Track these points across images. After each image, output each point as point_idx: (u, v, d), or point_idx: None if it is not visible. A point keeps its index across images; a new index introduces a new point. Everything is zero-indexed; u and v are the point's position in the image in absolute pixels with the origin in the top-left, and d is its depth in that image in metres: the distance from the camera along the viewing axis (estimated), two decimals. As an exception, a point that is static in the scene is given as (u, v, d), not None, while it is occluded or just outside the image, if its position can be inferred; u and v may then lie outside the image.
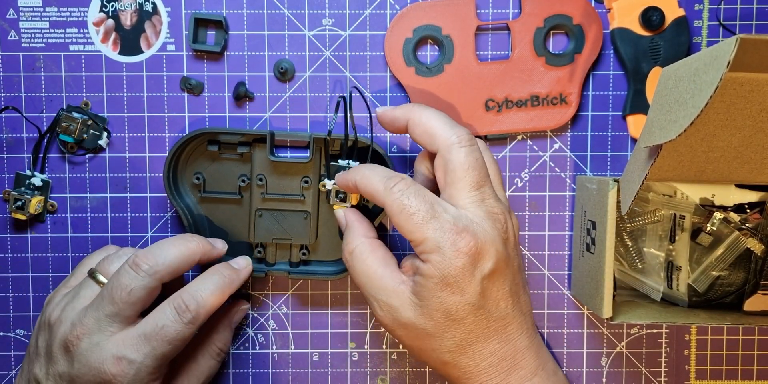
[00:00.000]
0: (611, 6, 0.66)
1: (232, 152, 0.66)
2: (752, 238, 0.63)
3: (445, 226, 0.53)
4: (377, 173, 0.57)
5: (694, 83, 0.45)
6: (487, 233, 0.54)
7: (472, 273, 0.53)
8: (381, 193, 0.55)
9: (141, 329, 0.56)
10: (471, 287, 0.53)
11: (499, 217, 0.55)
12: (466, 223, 0.53)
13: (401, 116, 0.58)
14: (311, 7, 0.67)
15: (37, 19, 0.66)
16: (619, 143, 0.69)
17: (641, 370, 0.70)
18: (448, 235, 0.52)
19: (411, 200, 0.54)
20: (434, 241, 0.53)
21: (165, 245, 0.58)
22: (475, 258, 0.53)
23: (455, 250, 0.52)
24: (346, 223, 0.61)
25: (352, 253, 0.59)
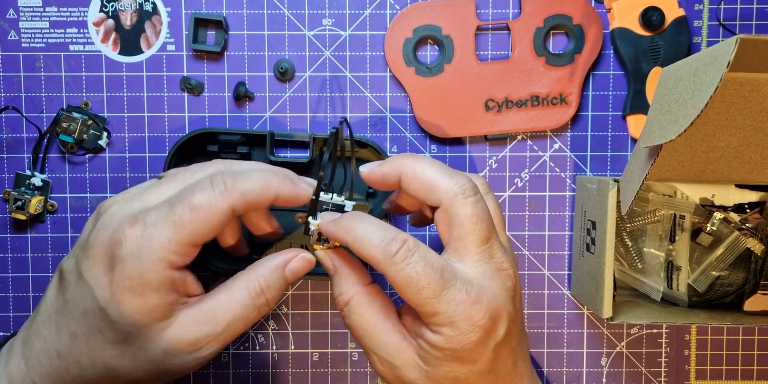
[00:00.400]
0: (611, 6, 0.66)
1: (232, 152, 0.66)
2: (752, 238, 0.63)
3: (458, 297, 0.48)
4: (374, 235, 0.49)
5: (694, 83, 0.45)
6: (499, 297, 0.50)
7: (486, 343, 0.49)
8: (381, 262, 0.48)
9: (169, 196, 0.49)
10: (484, 357, 0.50)
11: (508, 272, 0.51)
12: (479, 291, 0.49)
13: (392, 172, 0.53)
14: (311, 7, 0.67)
15: (37, 19, 0.66)
16: (619, 143, 0.69)
17: (641, 370, 0.70)
18: (462, 307, 0.48)
19: (418, 271, 0.47)
20: (447, 315, 0.48)
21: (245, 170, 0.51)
22: (490, 329, 0.49)
23: (471, 324, 0.48)
24: (334, 269, 0.55)
25: (348, 306, 0.53)
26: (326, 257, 0.55)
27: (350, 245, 0.50)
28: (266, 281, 0.52)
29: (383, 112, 0.68)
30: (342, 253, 0.55)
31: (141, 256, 0.47)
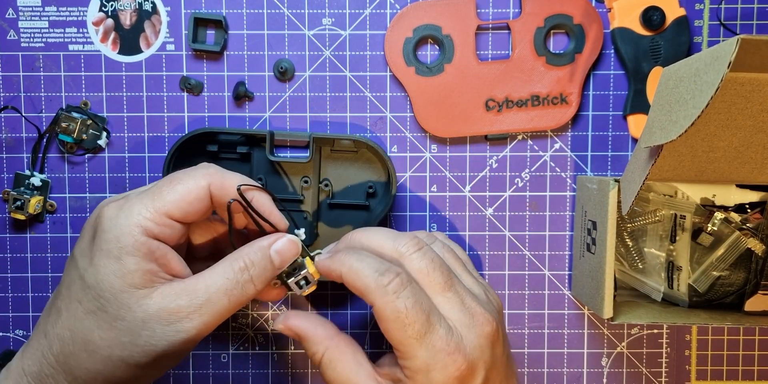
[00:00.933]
0: (612, 6, 0.66)
1: (231, 152, 0.66)
2: (753, 238, 0.63)
3: (437, 344, 0.48)
4: (367, 265, 0.50)
5: (695, 84, 0.45)
6: (476, 347, 0.50)
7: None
8: (373, 291, 0.49)
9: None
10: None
11: (485, 317, 0.51)
12: (457, 340, 0.49)
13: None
14: (311, 7, 0.67)
15: (37, 18, 0.66)
16: (619, 143, 0.69)
17: (642, 371, 0.70)
18: (440, 356, 0.48)
19: (407, 306, 0.48)
20: (424, 361, 0.48)
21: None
22: (465, 381, 0.49)
23: (445, 375, 0.48)
24: (297, 336, 0.55)
25: (321, 363, 0.53)
26: (285, 328, 0.55)
27: (344, 276, 0.51)
28: (250, 258, 0.52)
29: (383, 112, 0.68)
30: (296, 314, 0.56)
31: (118, 221, 0.48)
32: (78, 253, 0.50)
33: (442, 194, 0.69)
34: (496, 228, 0.69)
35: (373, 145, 0.63)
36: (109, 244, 0.48)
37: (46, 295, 0.68)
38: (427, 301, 0.49)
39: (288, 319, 0.55)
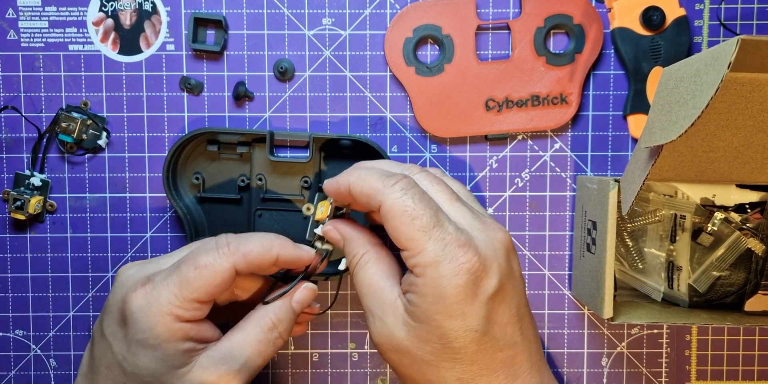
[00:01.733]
0: (612, 6, 0.66)
1: (231, 152, 0.66)
2: (753, 238, 0.63)
3: (447, 237, 0.47)
4: (376, 172, 0.51)
5: (695, 84, 0.45)
6: (489, 248, 0.48)
7: (475, 293, 0.47)
8: (380, 191, 0.49)
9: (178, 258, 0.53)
10: (473, 309, 0.47)
11: (496, 225, 0.50)
12: (468, 236, 0.48)
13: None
14: (311, 7, 0.67)
15: (37, 18, 0.66)
16: (619, 143, 0.69)
17: (642, 371, 0.70)
18: (450, 248, 0.46)
19: (415, 202, 0.48)
20: (433, 254, 0.47)
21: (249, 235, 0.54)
22: (478, 276, 0.47)
23: (456, 266, 0.46)
24: (342, 237, 0.55)
25: (357, 264, 0.53)
26: (333, 230, 0.55)
27: (351, 186, 0.51)
28: (276, 315, 0.54)
29: (383, 112, 0.68)
30: (348, 220, 0.56)
31: (150, 311, 0.49)
32: (110, 335, 0.51)
33: (442, 194, 0.69)
34: (496, 228, 0.69)
35: (374, 145, 0.63)
36: (144, 334, 0.49)
37: (46, 295, 0.68)
38: (433, 202, 0.49)
39: (336, 223, 0.56)
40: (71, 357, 0.69)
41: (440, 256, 0.46)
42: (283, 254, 0.53)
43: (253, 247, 0.52)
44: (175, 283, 0.50)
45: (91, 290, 0.69)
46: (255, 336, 0.52)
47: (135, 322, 0.49)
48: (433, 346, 0.48)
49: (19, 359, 0.69)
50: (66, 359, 0.69)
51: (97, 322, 0.54)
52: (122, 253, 0.68)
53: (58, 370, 0.69)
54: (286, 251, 0.53)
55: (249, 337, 0.52)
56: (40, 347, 0.69)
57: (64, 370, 0.69)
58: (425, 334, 0.48)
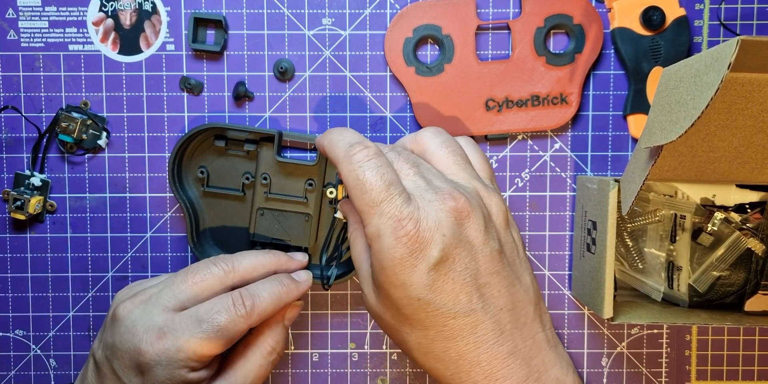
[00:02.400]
0: (612, 6, 0.66)
1: (238, 149, 0.66)
2: (753, 238, 0.63)
3: (390, 210, 0.48)
4: (343, 138, 0.53)
5: (695, 84, 0.45)
6: (432, 219, 0.48)
7: (414, 264, 0.48)
8: (340, 160, 0.51)
9: (194, 311, 0.55)
10: (413, 279, 0.48)
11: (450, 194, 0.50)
12: (412, 209, 0.48)
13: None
14: (311, 7, 0.67)
15: (37, 18, 0.66)
16: (619, 143, 0.69)
17: (642, 371, 0.70)
18: (390, 222, 0.48)
19: (368, 175, 0.49)
20: (376, 227, 0.49)
21: (243, 253, 0.60)
22: (414, 249, 0.48)
23: (394, 239, 0.48)
24: (345, 215, 0.59)
25: (351, 238, 0.57)
26: (339, 211, 0.61)
27: (325, 148, 0.54)
28: (274, 339, 0.60)
29: (383, 112, 0.68)
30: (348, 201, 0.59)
31: (169, 365, 0.53)
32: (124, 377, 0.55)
33: (442, 194, 0.69)
34: (496, 228, 0.69)
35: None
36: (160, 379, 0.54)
37: (46, 295, 0.68)
38: (389, 175, 0.50)
39: (341, 204, 0.60)
40: (71, 357, 0.69)
41: (381, 229, 0.48)
42: (281, 269, 0.62)
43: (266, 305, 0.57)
44: (196, 343, 0.54)
45: (91, 290, 0.69)
46: (257, 362, 0.59)
47: (154, 375, 0.53)
48: (392, 312, 0.52)
49: (19, 359, 0.69)
50: (66, 359, 0.69)
51: (102, 354, 0.56)
52: (122, 253, 0.68)
53: (58, 370, 0.69)
54: (282, 266, 0.62)
55: (251, 364, 0.59)
56: (40, 347, 0.69)
57: (64, 370, 0.69)
58: (384, 301, 0.51)
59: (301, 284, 0.61)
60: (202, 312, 0.54)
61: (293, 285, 0.60)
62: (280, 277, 0.60)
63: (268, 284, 0.58)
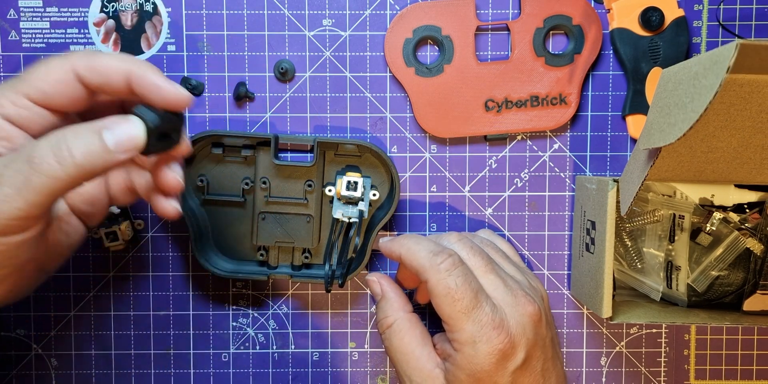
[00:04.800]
0: (611, 6, 0.66)
1: (236, 155, 0.66)
2: (751, 238, 0.63)
3: (484, 319, 0.53)
4: (423, 247, 0.56)
5: (694, 87, 0.45)
6: (518, 325, 0.54)
7: (504, 367, 0.53)
8: (426, 270, 0.55)
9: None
10: (502, 380, 0.54)
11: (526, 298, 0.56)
12: (501, 316, 0.54)
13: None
14: (311, 8, 0.67)
15: (38, 19, 0.66)
16: (618, 143, 0.69)
17: (641, 370, 0.70)
18: (486, 330, 0.53)
19: (458, 283, 0.53)
20: (470, 334, 0.53)
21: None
22: (507, 354, 0.53)
23: (489, 347, 0.53)
24: (381, 293, 0.62)
25: (391, 328, 0.59)
26: (376, 282, 0.62)
27: (402, 257, 0.57)
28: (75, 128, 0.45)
29: (383, 112, 0.68)
30: (390, 280, 0.63)
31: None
32: None
33: (441, 194, 0.69)
34: (495, 228, 0.69)
35: (377, 150, 0.63)
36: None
37: (47, 295, 0.68)
38: (475, 282, 0.54)
39: (382, 278, 0.63)
40: (72, 356, 0.69)
41: (476, 336, 0.53)
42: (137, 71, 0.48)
43: (102, 55, 0.48)
44: (13, 79, 0.48)
45: (92, 290, 0.69)
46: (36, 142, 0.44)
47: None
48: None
49: (20, 359, 0.69)
50: (67, 359, 0.69)
51: None
52: (123, 252, 0.69)
53: (59, 370, 0.69)
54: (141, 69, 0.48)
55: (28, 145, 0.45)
56: (41, 347, 0.69)
57: (65, 369, 0.69)
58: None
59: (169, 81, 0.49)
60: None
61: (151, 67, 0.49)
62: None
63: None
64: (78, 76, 0.47)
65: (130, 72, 0.47)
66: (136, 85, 0.48)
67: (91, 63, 0.47)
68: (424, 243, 0.57)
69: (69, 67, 0.47)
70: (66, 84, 0.48)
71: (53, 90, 0.47)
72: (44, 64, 0.48)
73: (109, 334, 0.69)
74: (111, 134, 0.45)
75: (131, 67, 0.47)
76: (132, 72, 0.47)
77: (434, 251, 0.55)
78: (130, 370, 0.70)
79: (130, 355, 0.69)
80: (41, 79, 0.47)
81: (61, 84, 0.47)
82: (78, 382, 0.69)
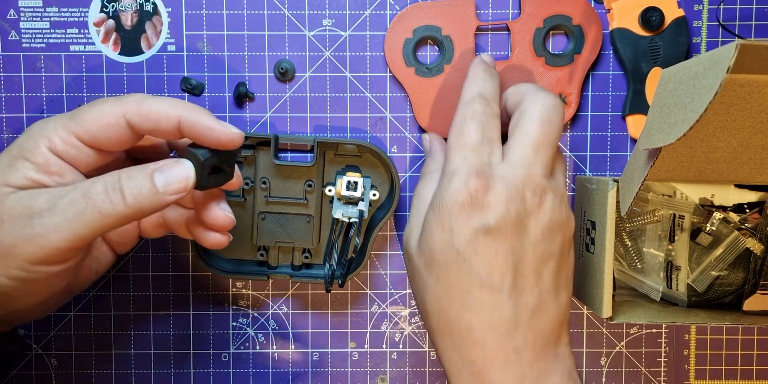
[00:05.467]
0: (611, 6, 0.66)
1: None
2: (751, 238, 0.63)
3: (475, 161, 0.52)
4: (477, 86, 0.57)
5: (694, 87, 0.45)
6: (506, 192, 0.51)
7: (469, 216, 0.51)
8: (461, 102, 0.56)
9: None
10: (461, 229, 0.51)
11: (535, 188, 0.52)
12: (495, 174, 0.52)
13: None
14: (311, 8, 0.67)
15: (38, 19, 0.66)
16: (618, 143, 0.69)
17: (641, 370, 0.70)
18: (469, 169, 0.51)
19: (472, 124, 0.54)
20: (454, 167, 0.52)
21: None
22: (476, 203, 0.51)
23: (464, 184, 0.51)
24: (429, 149, 0.62)
25: (425, 175, 0.59)
26: (428, 139, 0.63)
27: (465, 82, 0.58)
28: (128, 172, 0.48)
29: (383, 112, 0.68)
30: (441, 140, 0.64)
31: (32, 131, 0.50)
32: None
33: (441, 194, 0.69)
34: (495, 228, 0.69)
35: (377, 150, 0.63)
36: (13, 147, 0.49)
37: (48, 295, 0.68)
38: (493, 134, 0.54)
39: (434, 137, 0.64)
40: (72, 356, 0.69)
41: (458, 171, 0.52)
42: (188, 117, 0.49)
43: (153, 102, 0.50)
44: (68, 115, 0.50)
45: (92, 290, 0.69)
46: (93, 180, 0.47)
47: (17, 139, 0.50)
48: (426, 257, 0.53)
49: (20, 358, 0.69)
50: (67, 359, 0.69)
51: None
52: (123, 252, 0.69)
53: (59, 370, 0.69)
54: (192, 115, 0.50)
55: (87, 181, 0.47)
56: (41, 346, 0.69)
57: (65, 369, 0.69)
58: (424, 242, 0.53)
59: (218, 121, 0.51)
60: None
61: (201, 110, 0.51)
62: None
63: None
64: (128, 122, 0.49)
65: (181, 118, 0.49)
66: (187, 129, 0.49)
67: (142, 110, 0.49)
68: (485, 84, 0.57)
69: (120, 113, 0.49)
70: (116, 128, 0.49)
71: (103, 134, 0.49)
72: (98, 108, 0.49)
73: (109, 334, 0.69)
74: (162, 177, 0.47)
75: (181, 114, 0.49)
76: (183, 118, 0.49)
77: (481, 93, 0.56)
78: (130, 370, 0.70)
79: (130, 355, 0.69)
80: (93, 122, 0.49)
81: (112, 128, 0.49)
82: (78, 382, 0.69)
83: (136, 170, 0.48)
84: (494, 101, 0.56)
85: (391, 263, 0.69)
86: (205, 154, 0.50)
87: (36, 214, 0.46)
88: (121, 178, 0.47)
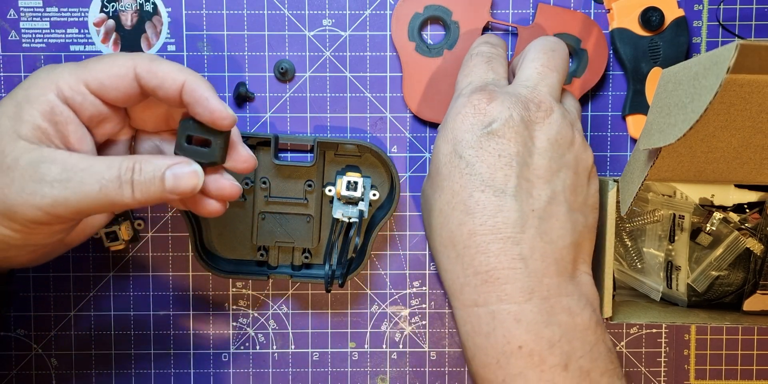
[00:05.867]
0: (611, 6, 0.66)
1: None
2: (751, 238, 0.63)
3: (477, 83, 0.56)
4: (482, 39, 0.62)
5: (694, 87, 0.45)
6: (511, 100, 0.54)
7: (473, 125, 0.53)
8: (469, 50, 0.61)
9: None
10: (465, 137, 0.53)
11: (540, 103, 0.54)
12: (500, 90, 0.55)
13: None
14: (311, 8, 0.67)
15: (38, 19, 0.66)
16: (618, 143, 0.69)
17: (641, 370, 0.70)
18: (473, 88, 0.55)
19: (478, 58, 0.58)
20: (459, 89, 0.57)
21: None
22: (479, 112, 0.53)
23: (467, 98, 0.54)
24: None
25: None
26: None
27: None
28: (142, 165, 0.48)
29: (383, 112, 0.68)
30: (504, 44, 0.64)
31: (38, 76, 0.49)
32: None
33: (442, 194, 0.69)
34: (495, 228, 0.69)
35: (377, 150, 0.63)
36: (19, 92, 0.48)
37: (48, 295, 0.68)
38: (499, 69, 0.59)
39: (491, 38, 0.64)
40: (72, 356, 0.69)
41: (463, 91, 0.56)
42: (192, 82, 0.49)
43: (164, 61, 0.50)
44: (76, 64, 0.50)
45: (92, 290, 0.69)
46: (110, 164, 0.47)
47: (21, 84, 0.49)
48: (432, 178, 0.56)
49: (20, 359, 0.69)
50: (67, 359, 0.69)
51: None
52: (123, 252, 0.69)
53: (59, 370, 0.69)
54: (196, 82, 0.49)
55: (103, 163, 0.47)
56: (41, 347, 0.69)
57: (65, 369, 0.69)
58: (431, 167, 0.57)
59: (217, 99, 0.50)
60: None
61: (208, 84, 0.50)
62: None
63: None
64: (137, 75, 0.49)
65: (186, 81, 0.49)
66: (187, 94, 0.49)
67: (152, 66, 0.49)
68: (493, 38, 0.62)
69: (131, 65, 0.49)
70: (124, 80, 0.49)
71: (111, 83, 0.49)
72: (110, 58, 0.50)
73: (109, 334, 0.69)
74: (172, 179, 0.48)
75: (188, 77, 0.49)
76: (187, 81, 0.49)
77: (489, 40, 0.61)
78: (130, 370, 0.70)
79: (130, 355, 0.69)
80: (103, 70, 0.49)
81: (120, 79, 0.49)
82: (78, 382, 0.69)
83: (149, 164, 0.48)
84: (501, 47, 0.60)
85: (391, 263, 0.69)
86: (193, 126, 0.50)
87: (48, 184, 0.46)
88: (134, 171, 0.47)
